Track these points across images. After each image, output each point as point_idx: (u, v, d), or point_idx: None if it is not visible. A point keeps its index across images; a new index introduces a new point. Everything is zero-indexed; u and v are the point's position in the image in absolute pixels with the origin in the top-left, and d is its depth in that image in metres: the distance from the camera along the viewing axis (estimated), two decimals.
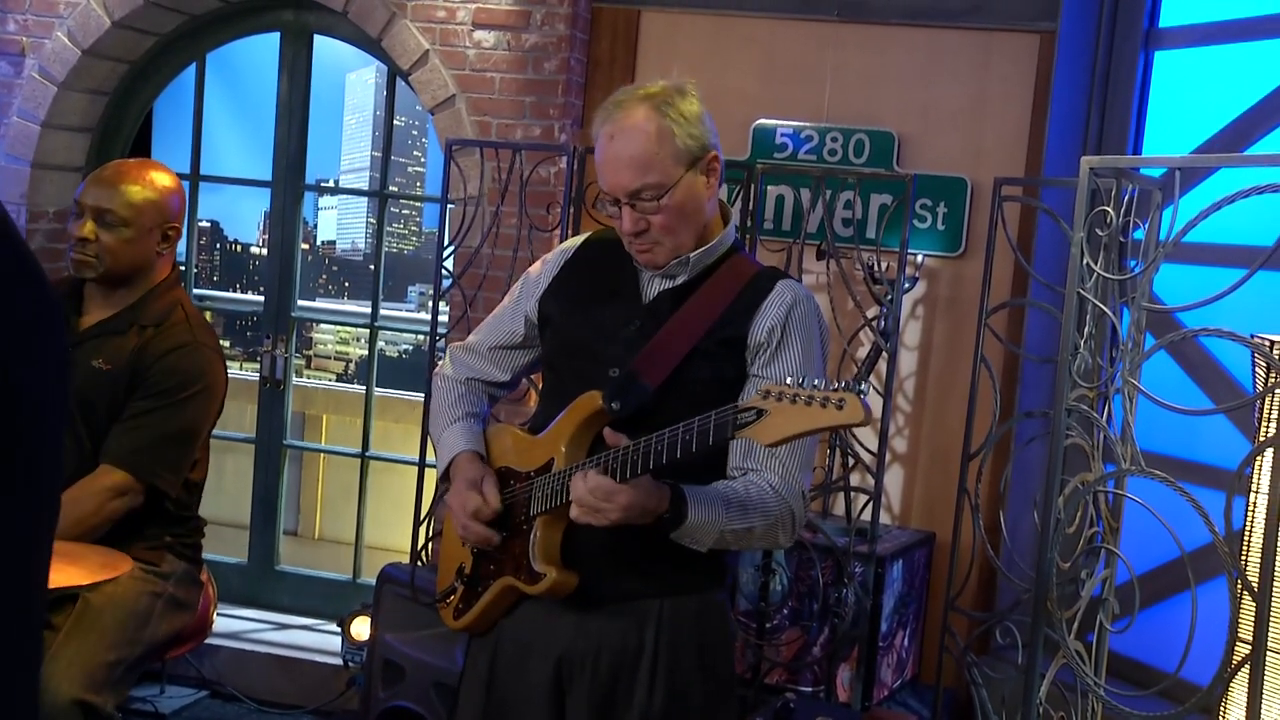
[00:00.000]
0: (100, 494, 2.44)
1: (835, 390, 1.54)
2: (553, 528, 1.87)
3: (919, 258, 3.47)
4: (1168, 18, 3.32)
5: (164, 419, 2.51)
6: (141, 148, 4.21)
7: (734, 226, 1.98)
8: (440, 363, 2.17)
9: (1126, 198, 2.73)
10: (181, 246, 2.83)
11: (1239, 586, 2.22)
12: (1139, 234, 2.85)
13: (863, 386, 1.55)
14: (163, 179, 2.61)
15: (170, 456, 2.54)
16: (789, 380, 1.58)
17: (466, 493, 1.91)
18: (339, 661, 3.63)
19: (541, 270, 2.03)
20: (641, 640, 1.88)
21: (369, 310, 4.07)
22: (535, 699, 1.93)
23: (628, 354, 1.86)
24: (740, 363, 1.87)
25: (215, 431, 2.73)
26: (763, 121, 3.59)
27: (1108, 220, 2.73)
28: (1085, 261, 2.68)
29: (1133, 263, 2.89)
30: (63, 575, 2.09)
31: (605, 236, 2.01)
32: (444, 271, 3.47)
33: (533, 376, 2.23)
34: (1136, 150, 3.33)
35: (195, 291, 4.29)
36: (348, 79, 5.55)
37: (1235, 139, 3.10)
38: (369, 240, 5.78)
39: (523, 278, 2.07)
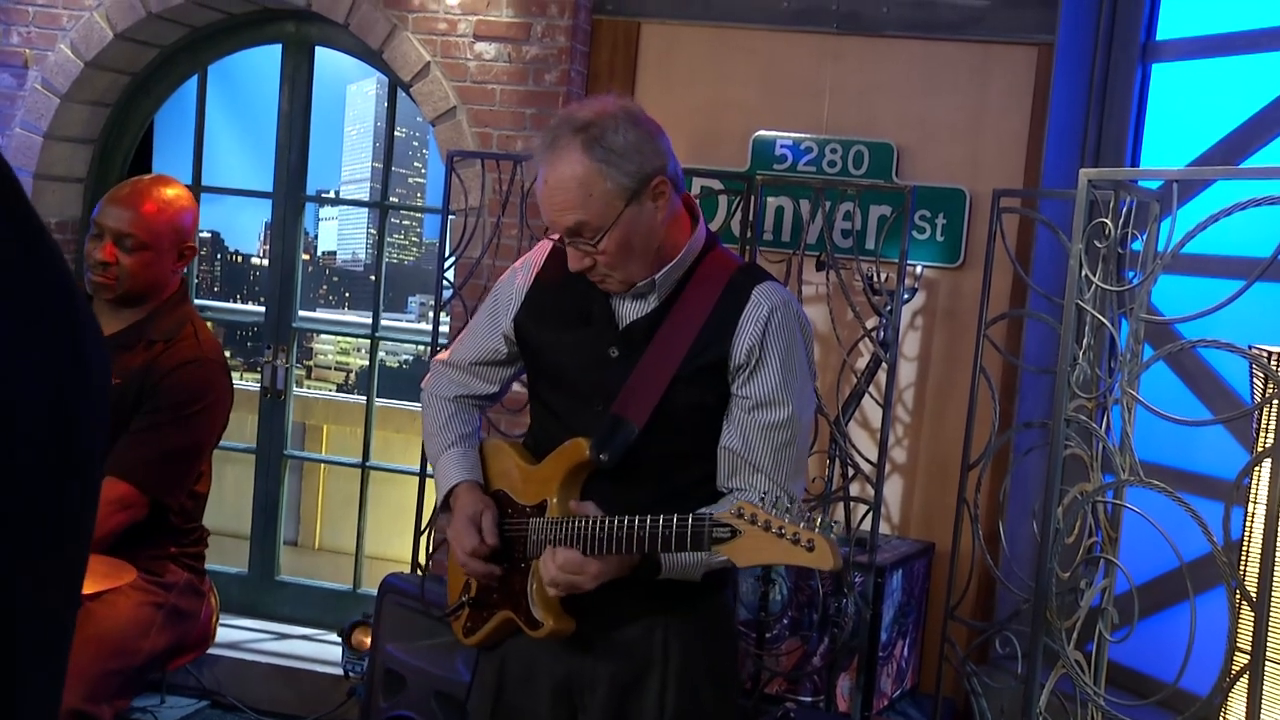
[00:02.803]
0: (105, 506, 2.44)
1: (806, 528, 1.60)
2: None
3: (918, 269, 3.48)
4: (1165, 30, 3.34)
5: (171, 434, 2.53)
6: (143, 159, 4.22)
7: (703, 226, 1.90)
8: (425, 378, 2.15)
9: (1124, 210, 2.74)
10: None
11: (1237, 596, 2.23)
12: (1137, 245, 2.87)
13: (831, 526, 1.61)
14: (180, 198, 2.63)
15: (176, 471, 2.56)
16: (763, 499, 1.64)
17: (465, 529, 1.91)
18: (339, 671, 3.63)
19: (513, 287, 1.99)
20: (650, 651, 1.90)
21: (369, 321, 4.08)
22: (544, 710, 1.94)
23: (610, 384, 1.85)
24: (722, 385, 1.85)
25: None
26: (762, 133, 3.61)
27: (1106, 232, 2.74)
28: (1084, 273, 2.69)
29: (1131, 274, 2.90)
30: None
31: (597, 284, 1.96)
32: (445, 282, 3.48)
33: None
34: (1134, 162, 3.34)
35: (196, 302, 4.28)
36: (348, 91, 5.58)
37: (1232, 151, 3.12)
38: (369, 251, 5.80)
39: (494, 292, 2.03)
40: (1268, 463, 2.18)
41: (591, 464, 1.84)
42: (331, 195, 5.32)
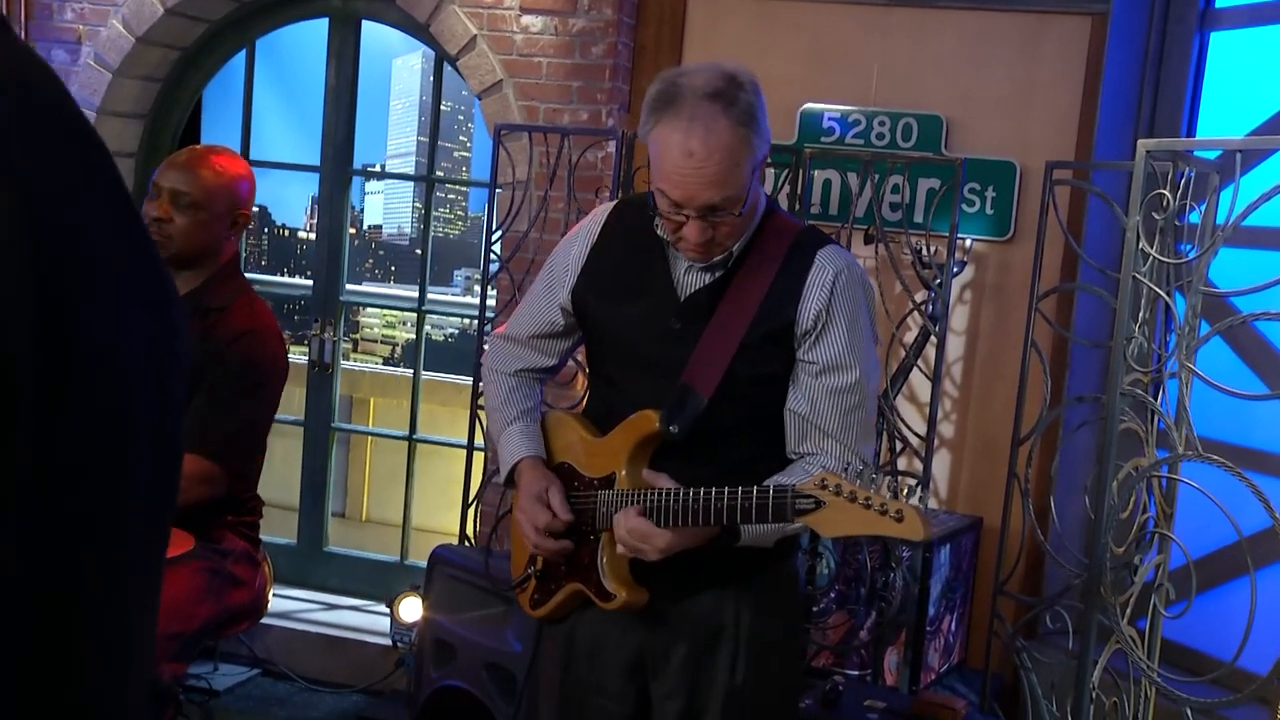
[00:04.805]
0: (185, 481, 2.43)
1: (894, 499, 1.57)
2: None
3: (967, 242, 3.45)
4: None
5: (242, 406, 2.55)
6: (192, 134, 4.24)
7: (763, 196, 1.88)
8: (485, 353, 2.14)
9: (1183, 181, 2.70)
10: None
11: None
12: (1195, 217, 2.82)
13: (918, 498, 1.58)
14: (236, 166, 2.67)
15: (250, 442, 2.61)
16: (846, 469, 1.62)
17: (534, 507, 1.88)
18: (387, 642, 3.65)
19: (569, 258, 1.96)
20: (721, 621, 1.89)
21: (416, 294, 4.09)
22: (615, 683, 1.94)
23: (673, 355, 1.83)
24: (788, 352, 1.83)
25: None
26: (810, 106, 3.58)
27: (1164, 204, 2.70)
28: (1140, 246, 2.65)
29: (1186, 246, 2.86)
30: None
31: (628, 212, 1.94)
32: (492, 255, 3.48)
33: (580, 358, 2.20)
34: (1190, 133, 3.28)
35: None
36: (394, 64, 5.55)
37: None
38: (415, 225, 5.79)
39: (549, 263, 2.00)
40: None
41: (661, 435, 1.82)
42: (378, 169, 5.31)
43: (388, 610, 3.63)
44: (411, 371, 4.16)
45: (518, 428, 2.00)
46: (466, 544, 3.42)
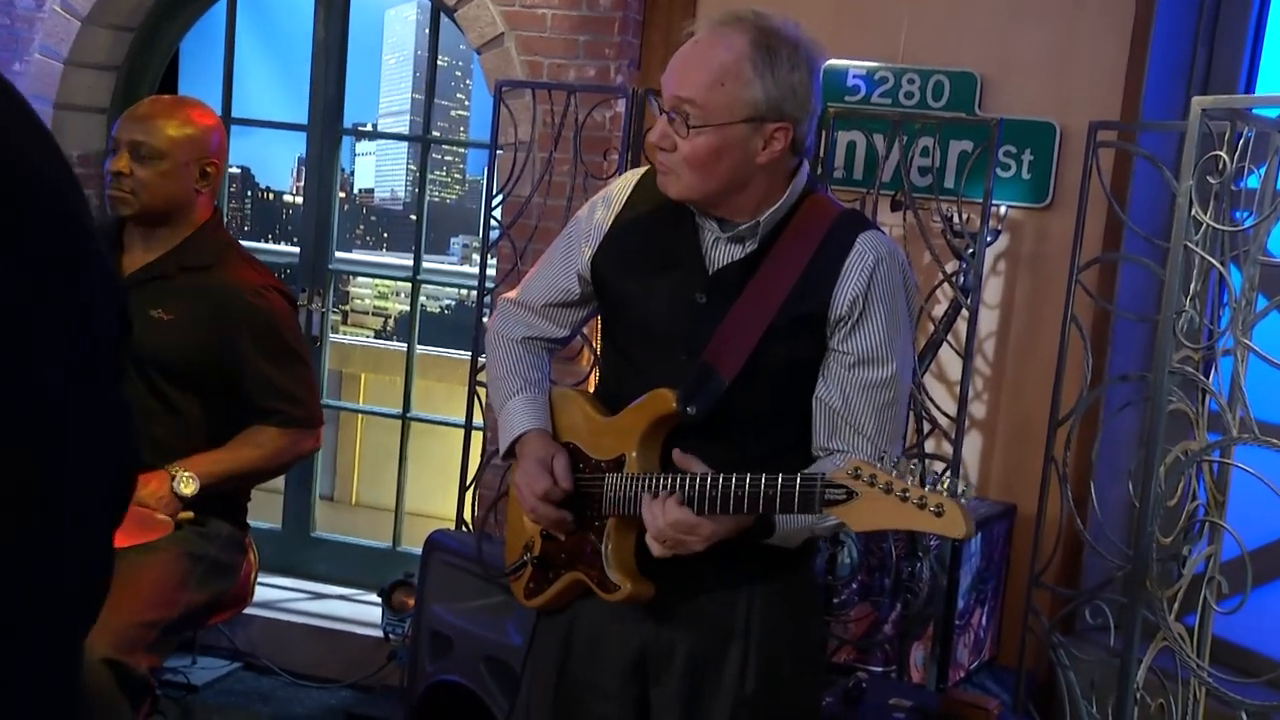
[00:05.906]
0: (284, 453, 2.67)
1: (935, 492, 1.47)
2: (626, 534, 1.78)
3: (1002, 209, 3.28)
4: None
5: (295, 361, 2.62)
6: (169, 88, 4.08)
7: (804, 170, 1.79)
8: (492, 316, 2.05)
9: (1241, 142, 2.53)
10: None
11: None
12: (1254, 181, 2.65)
13: (961, 489, 1.48)
14: (200, 115, 2.60)
15: (314, 389, 2.73)
16: (882, 462, 1.52)
17: (536, 472, 1.81)
18: (379, 633, 3.52)
19: (592, 223, 1.88)
20: (731, 626, 1.79)
21: (410, 263, 3.95)
22: (613, 686, 1.84)
23: (696, 332, 1.75)
24: (820, 338, 1.75)
25: None
26: (834, 62, 3.38)
27: (1220, 167, 2.54)
28: (1193, 212, 2.49)
29: (1243, 214, 2.69)
30: None
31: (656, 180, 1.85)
32: (493, 222, 3.33)
33: (585, 332, 2.14)
34: (1249, 90, 3.12)
35: None
36: (387, 16, 5.41)
37: None
38: (409, 188, 5.63)
39: (570, 227, 1.93)
40: None
41: (678, 416, 1.72)
42: (369, 128, 5.18)
43: (380, 600, 3.49)
44: (405, 345, 4.00)
45: (523, 399, 1.90)
46: (464, 529, 3.30)
